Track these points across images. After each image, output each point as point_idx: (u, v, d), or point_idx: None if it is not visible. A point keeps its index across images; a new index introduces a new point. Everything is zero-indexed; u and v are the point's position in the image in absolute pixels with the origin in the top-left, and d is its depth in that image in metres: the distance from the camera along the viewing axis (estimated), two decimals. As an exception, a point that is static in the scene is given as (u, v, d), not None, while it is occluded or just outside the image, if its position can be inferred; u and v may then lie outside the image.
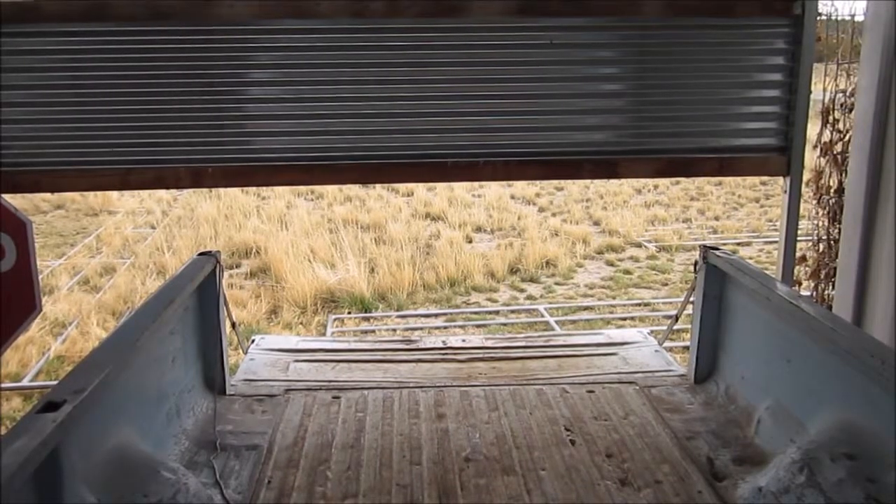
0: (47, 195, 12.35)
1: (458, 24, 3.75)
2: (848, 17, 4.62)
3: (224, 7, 3.62)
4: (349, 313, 8.21)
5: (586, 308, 8.31)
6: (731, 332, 3.53)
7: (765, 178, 13.38)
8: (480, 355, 4.09)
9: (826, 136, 4.59)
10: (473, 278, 9.20)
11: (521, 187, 14.50)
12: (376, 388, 3.63)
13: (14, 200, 3.01)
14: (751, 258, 9.60)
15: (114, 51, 3.64)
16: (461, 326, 7.68)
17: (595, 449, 3.04)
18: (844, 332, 2.69)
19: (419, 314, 8.24)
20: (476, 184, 13.99)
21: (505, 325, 7.73)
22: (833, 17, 4.62)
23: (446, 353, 4.12)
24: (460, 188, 13.96)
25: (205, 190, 13.13)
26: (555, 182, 14.25)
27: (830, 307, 4.26)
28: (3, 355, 3.02)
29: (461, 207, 13.10)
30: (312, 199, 13.93)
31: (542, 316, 7.92)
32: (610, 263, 10.06)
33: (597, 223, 12.27)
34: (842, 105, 4.56)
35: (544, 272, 9.57)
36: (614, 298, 8.64)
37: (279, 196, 13.65)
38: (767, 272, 3.76)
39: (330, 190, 13.62)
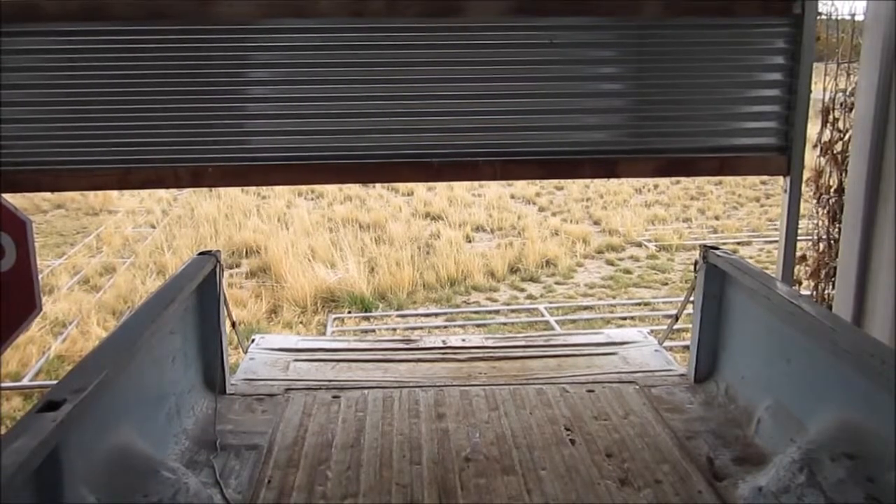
0: (47, 195, 12.38)
1: (457, 24, 3.74)
2: (848, 17, 4.63)
3: (223, 6, 3.61)
4: (349, 313, 8.22)
5: (586, 307, 8.31)
6: (731, 332, 3.53)
7: (765, 178, 13.38)
8: (480, 355, 4.09)
9: (826, 136, 4.60)
10: (473, 278, 9.20)
11: (521, 187, 14.50)
12: (376, 388, 3.63)
13: (14, 200, 3.01)
14: (751, 258, 9.61)
15: (113, 50, 3.64)
16: (461, 326, 7.69)
17: (595, 449, 3.04)
18: (844, 332, 2.69)
19: (419, 314, 8.24)
20: (476, 183, 13.98)
21: (505, 324, 7.74)
22: (833, 17, 4.62)
23: (446, 353, 4.12)
24: (460, 188, 13.96)
25: (204, 189, 13.13)
26: (555, 182, 14.24)
27: (830, 307, 4.26)
28: (3, 355, 3.02)
29: (461, 207, 13.10)
30: (312, 199, 13.93)
31: (543, 315, 7.92)
32: (610, 263, 10.06)
33: (597, 222, 12.27)
34: (842, 104, 4.56)
35: (544, 272, 9.58)
36: (614, 298, 8.64)
37: (279, 195, 13.65)
38: (767, 272, 3.76)
39: (330, 189, 13.63)
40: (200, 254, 3.58)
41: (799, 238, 4.09)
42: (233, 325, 3.95)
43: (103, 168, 3.74)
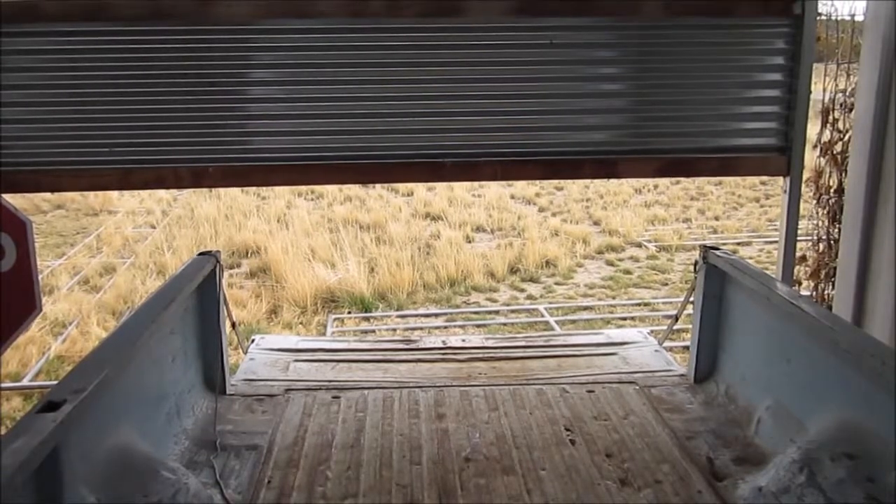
0: (47, 195, 12.37)
1: (457, 24, 3.74)
2: (848, 17, 4.63)
3: (223, 7, 3.61)
4: (349, 313, 8.22)
5: (586, 308, 8.31)
6: (731, 332, 3.53)
7: (765, 178, 13.38)
8: (480, 355, 4.09)
9: (826, 136, 4.59)
10: (473, 278, 9.20)
11: (521, 187, 14.50)
12: (376, 388, 3.63)
13: (14, 200, 3.02)
14: (751, 258, 9.60)
15: (113, 50, 3.64)
16: (461, 326, 7.68)
17: (595, 449, 3.04)
18: (844, 332, 2.69)
19: (419, 314, 8.24)
20: (476, 184, 13.99)
21: (505, 324, 7.73)
22: (833, 17, 4.62)
23: (446, 353, 4.12)
24: (460, 188, 13.96)
25: (205, 190, 13.13)
26: (555, 182, 14.24)
27: (830, 307, 4.26)
28: (3, 355, 3.02)
29: (461, 207, 13.10)
30: (312, 199, 13.93)
31: (542, 316, 7.92)
32: (610, 263, 10.06)
33: (597, 223, 12.27)
34: (842, 105, 4.56)
35: (544, 272, 9.57)
36: (614, 298, 8.64)
37: (279, 196, 13.65)
38: (767, 272, 3.76)
39: (330, 189, 13.63)
40: (200, 254, 3.58)
41: (799, 238, 4.09)
42: (233, 325, 3.95)
43: (103, 168, 3.74)
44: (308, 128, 3.81)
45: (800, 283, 4.70)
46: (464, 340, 4.45)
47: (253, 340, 4.31)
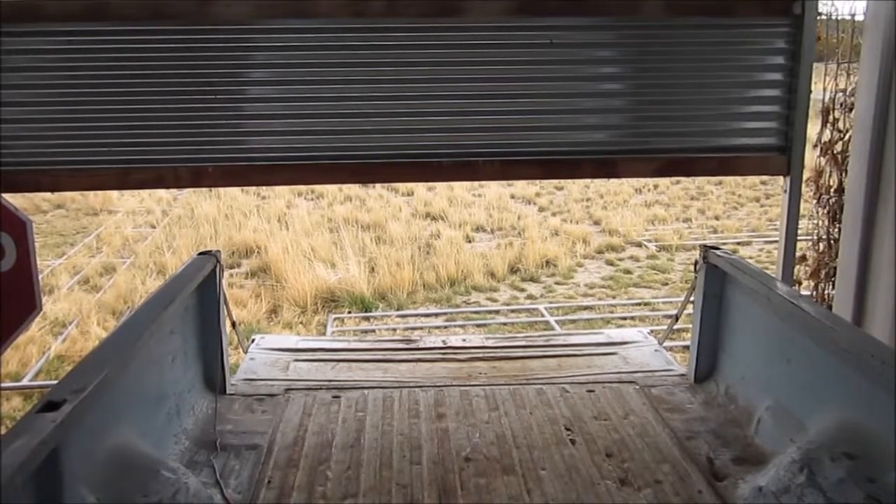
0: (47, 195, 12.37)
1: (457, 24, 3.75)
2: (848, 17, 4.62)
3: (223, 6, 3.62)
4: (349, 313, 8.22)
5: (586, 308, 8.31)
6: (731, 332, 3.53)
7: (765, 178, 13.38)
8: (480, 355, 4.09)
9: (826, 136, 4.59)
10: (473, 278, 9.20)
11: (521, 187, 14.50)
12: (376, 388, 3.63)
13: (14, 200, 3.01)
14: (751, 258, 9.61)
15: (113, 50, 3.64)
16: (461, 326, 7.68)
17: (595, 449, 3.04)
18: (844, 332, 2.69)
19: (419, 314, 8.24)
20: (476, 183, 13.98)
21: (505, 324, 7.74)
22: (833, 17, 4.61)
23: (446, 353, 4.12)
24: (460, 188, 13.96)
25: (204, 189, 13.13)
26: (555, 182, 14.24)
27: (830, 307, 4.26)
28: (3, 355, 3.02)
29: (461, 207, 13.10)
30: (312, 199, 13.93)
31: (543, 315, 7.92)
32: (610, 263, 10.06)
33: (597, 223, 12.27)
34: (842, 104, 4.55)
35: (544, 272, 9.58)
36: (614, 298, 8.64)
37: (279, 195, 13.65)
38: (767, 272, 3.76)
39: (330, 189, 13.63)
40: (200, 254, 3.58)
41: (799, 238, 4.09)
42: (233, 325, 3.95)
43: (103, 168, 3.74)
44: (308, 127, 3.81)
45: (800, 283, 4.69)
46: (464, 340, 4.45)
47: (253, 340, 4.32)
